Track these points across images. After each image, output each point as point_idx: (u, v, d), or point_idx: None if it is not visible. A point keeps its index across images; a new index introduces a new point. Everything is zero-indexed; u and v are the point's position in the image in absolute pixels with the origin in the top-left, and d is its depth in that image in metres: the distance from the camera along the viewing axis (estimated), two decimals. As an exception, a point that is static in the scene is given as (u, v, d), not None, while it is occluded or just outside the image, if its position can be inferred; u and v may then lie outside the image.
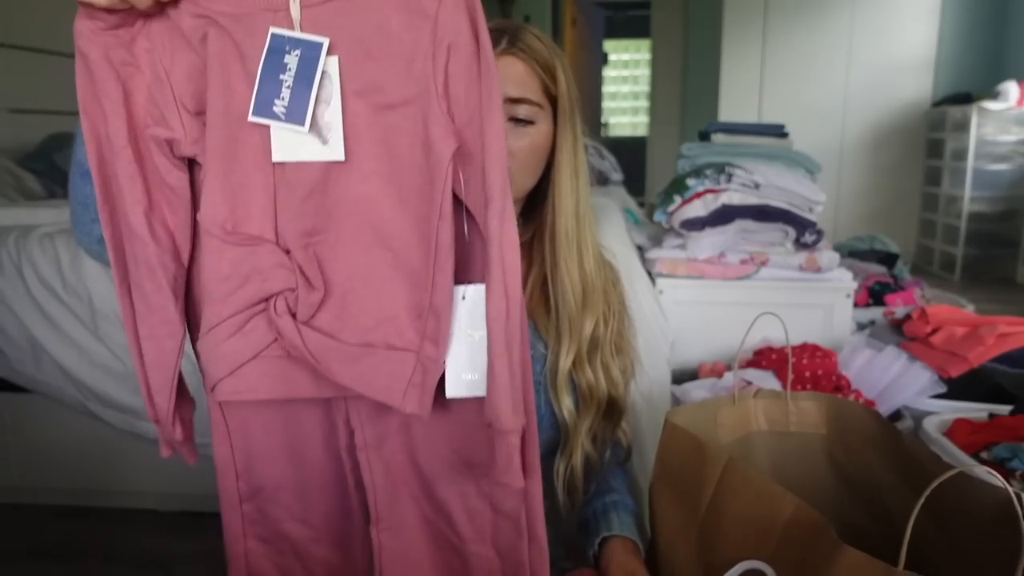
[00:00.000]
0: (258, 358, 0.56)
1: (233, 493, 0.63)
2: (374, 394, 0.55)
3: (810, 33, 4.69)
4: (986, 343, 1.46)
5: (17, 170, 2.38)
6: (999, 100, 3.95)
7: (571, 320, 0.86)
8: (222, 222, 0.54)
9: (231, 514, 0.63)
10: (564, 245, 0.87)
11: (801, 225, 1.64)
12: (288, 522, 0.64)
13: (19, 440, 1.80)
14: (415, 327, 0.55)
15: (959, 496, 0.63)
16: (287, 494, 0.63)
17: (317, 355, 0.54)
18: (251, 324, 0.55)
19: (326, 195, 0.55)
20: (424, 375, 0.54)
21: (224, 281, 0.55)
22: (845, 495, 0.83)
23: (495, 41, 0.80)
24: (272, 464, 0.62)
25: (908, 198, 4.75)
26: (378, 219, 0.55)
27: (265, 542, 0.64)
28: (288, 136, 0.54)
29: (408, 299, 0.55)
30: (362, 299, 0.55)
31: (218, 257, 0.55)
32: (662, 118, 6.41)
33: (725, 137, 1.88)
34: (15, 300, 1.62)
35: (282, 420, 0.61)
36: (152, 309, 0.56)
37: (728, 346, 1.69)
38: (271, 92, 0.53)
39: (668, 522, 0.77)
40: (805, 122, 4.22)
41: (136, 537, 1.70)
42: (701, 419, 0.85)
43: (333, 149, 0.53)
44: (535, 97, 0.83)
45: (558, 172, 0.87)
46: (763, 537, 0.64)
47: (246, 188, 0.55)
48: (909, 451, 0.74)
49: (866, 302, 2.11)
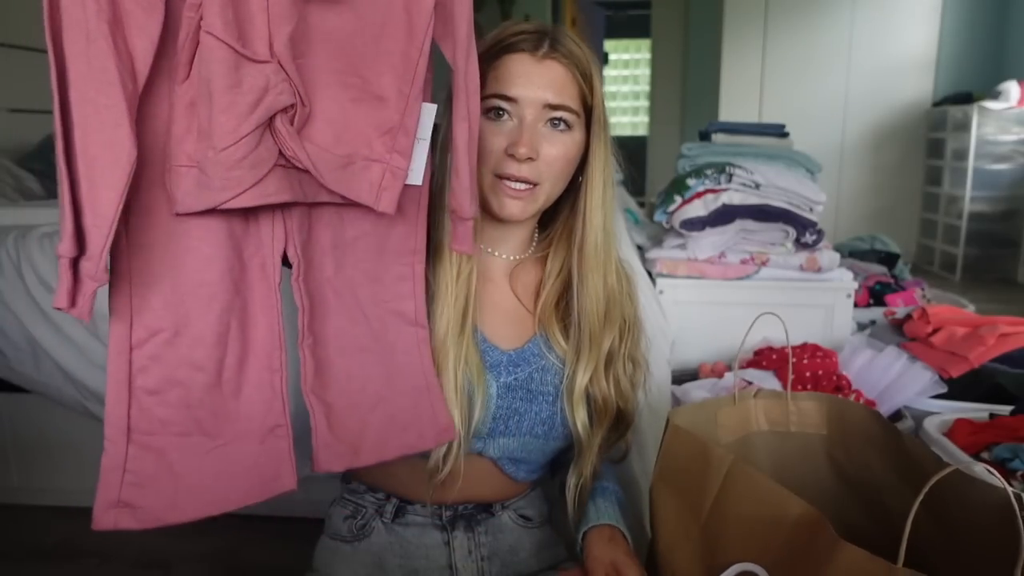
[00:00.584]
0: (275, 167, 0.61)
1: (124, 340, 0.61)
2: (355, 196, 0.65)
3: (810, 33, 4.69)
4: (987, 343, 1.46)
5: (16, 170, 2.38)
6: (1000, 100, 3.95)
7: (592, 335, 0.86)
8: (236, 37, 0.57)
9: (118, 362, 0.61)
10: (592, 259, 0.86)
11: (801, 225, 1.64)
12: (182, 369, 0.63)
13: (19, 440, 1.79)
14: (382, 142, 0.65)
15: (959, 496, 0.63)
16: (186, 340, 0.63)
17: (315, 162, 0.62)
18: (265, 137, 0.60)
19: (307, 22, 0.61)
20: (393, 180, 0.66)
21: (244, 94, 0.57)
22: (845, 495, 0.83)
23: (536, 43, 0.81)
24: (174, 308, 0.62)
25: (909, 198, 4.75)
26: (350, 49, 0.63)
27: (152, 393, 0.62)
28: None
29: (375, 119, 0.65)
30: (337, 117, 0.64)
31: (234, 70, 0.57)
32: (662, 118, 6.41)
33: (725, 137, 1.88)
34: (14, 300, 1.61)
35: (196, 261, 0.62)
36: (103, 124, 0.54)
37: (728, 346, 1.69)
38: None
39: (669, 523, 0.77)
40: (805, 122, 4.22)
41: (136, 537, 1.69)
42: (701, 419, 0.85)
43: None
44: (573, 104, 0.82)
45: (590, 184, 0.86)
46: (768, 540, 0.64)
47: (246, 6, 0.57)
48: (910, 451, 0.73)
49: (867, 302, 2.10)
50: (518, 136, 0.80)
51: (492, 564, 0.90)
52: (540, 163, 0.81)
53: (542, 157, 0.81)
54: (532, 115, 0.80)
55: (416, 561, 0.89)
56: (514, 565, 0.92)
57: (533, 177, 0.82)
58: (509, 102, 0.80)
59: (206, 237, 0.62)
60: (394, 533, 0.90)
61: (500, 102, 0.80)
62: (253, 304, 0.66)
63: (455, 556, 0.89)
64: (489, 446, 0.87)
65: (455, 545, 0.89)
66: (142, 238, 0.60)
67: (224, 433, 0.65)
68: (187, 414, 0.63)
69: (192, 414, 0.64)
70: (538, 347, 0.89)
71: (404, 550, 0.89)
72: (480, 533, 0.90)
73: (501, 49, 0.81)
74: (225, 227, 0.63)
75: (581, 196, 0.87)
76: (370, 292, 0.73)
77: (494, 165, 0.81)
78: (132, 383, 0.61)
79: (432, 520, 0.90)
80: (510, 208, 0.83)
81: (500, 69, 0.80)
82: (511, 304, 0.90)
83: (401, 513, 0.90)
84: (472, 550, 0.90)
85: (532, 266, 0.92)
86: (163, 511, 0.62)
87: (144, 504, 0.62)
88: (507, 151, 0.80)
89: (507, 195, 0.82)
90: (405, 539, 0.90)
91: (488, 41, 0.82)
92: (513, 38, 0.81)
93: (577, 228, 0.87)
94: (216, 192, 0.58)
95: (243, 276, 0.65)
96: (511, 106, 0.81)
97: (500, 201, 0.82)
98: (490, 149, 0.81)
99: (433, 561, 0.89)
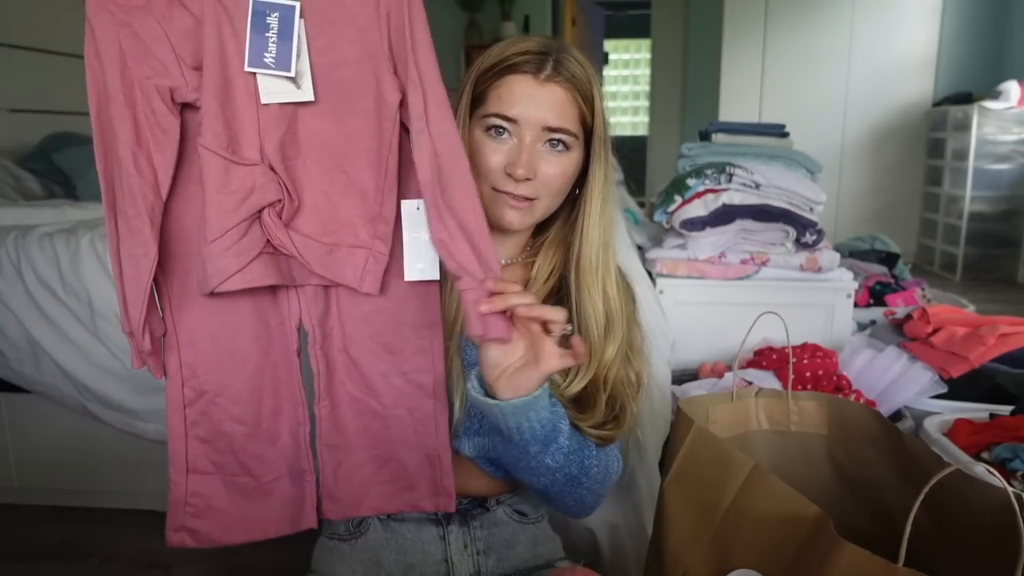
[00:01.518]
0: (260, 255, 0.70)
1: (179, 399, 0.75)
2: (340, 279, 0.72)
3: (810, 33, 4.69)
4: (987, 343, 1.46)
5: (16, 170, 2.38)
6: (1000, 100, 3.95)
7: (592, 349, 0.86)
8: (225, 146, 0.67)
9: (175, 417, 0.75)
10: (590, 274, 0.87)
11: (802, 225, 1.64)
12: (226, 423, 0.76)
13: (19, 440, 1.79)
14: (367, 230, 0.72)
15: (959, 496, 0.63)
16: (226, 399, 0.75)
17: (300, 251, 0.71)
18: (252, 229, 0.69)
19: (296, 129, 0.70)
20: (375, 264, 0.73)
21: (230, 194, 0.67)
22: (845, 495, 0.83)
23: (539, 65, 0.82)
24: (215, 372, 0.75)
25: (909, 198, 4.74)
26: (335, 149, 0.71)
27: (205, 442, 0.76)
28: (271, 82, 0.68)
29: (360, 210, 0.72)
30: (325, 209, 0.72)
31: (223, 173, 0.67)
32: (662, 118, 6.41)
33: (725, 137, 1.88)
34: (14, 300, 1.61)
35: (229, 332, 0.74)
36: (132, 231, 0.68)
37: (728, 346, 1.69)
38: (260, 47, 0.66)
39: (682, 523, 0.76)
40: (805, 122, 4.22)
41: (136, 537, 1.70)
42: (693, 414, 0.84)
43: (305, 92, 0.69)
44: (572, 127, 0.83)
45: (588, 200, 0.87)
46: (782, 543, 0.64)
47: (239, 121, 0.68)
48: (910, 451, 0.73)
49: (867, 302, 2.10)
50: (517, 156, 0.82)
51: (488, 558, 0.91)
52: (538, 181, 0.83)
53: (540, 176, 0.83)
54: (531, 136, 0.82)
55: (412, 556, 0.90)
56: (510, 559, 0.92)
57: (531, 194, 0.84)
58: (509, 122, 0.82)
59: (235, 311, 0.74)
60: (390, 529, 0.90)
61: (501, 121, 0.82)
62: (278, 367, 0.77)
63: (451, 550, 0.90)
64: (464, 444, 0.87)
65: (451, 540, 0.90)
66: (185, 314, 0.74)
67: (265, 474, 0.78)
68: (233, 458, 0.77)
69: (237, 458, 0.77)
70: None
71: (400, 545, 0.90)
72: (476, 528, 0.91)
73: (505, 68, 0.82)
74: (251, 302, 0.74)
75: (579, 212, 0.88)
76: (389, 363, 0.77)
77: (493, 181, 0.84)
78: (188, 434, 0.76)
79: (428, 515, 0.90)
80: (509, 217, 0.85)
81: (502, 88, 0.82)
82: None
83: None
84: (468, 544, 0.90)
85: (519, 269, 0.93)
86: (217, 535, 0.78)
87: (202, 529, 0.78)
88: (506, 170, 0.82)
89: (507, 205, 0.84)
90: (401, 535, 0.90)
91: (492, 58, 0.84)
92: (517, 58, 0.82)
93: (574, 243, 0.88)
94: (209, 279, 0.68)
95: (270, 343, 0.76)
96: (511, 126, 0.82)
97: (500, 211, 0.85)
98: (489, 166, 0.83)
99: (429, 556, 0.90)
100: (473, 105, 0.85)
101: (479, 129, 0.84)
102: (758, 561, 0.66)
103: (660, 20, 6.27)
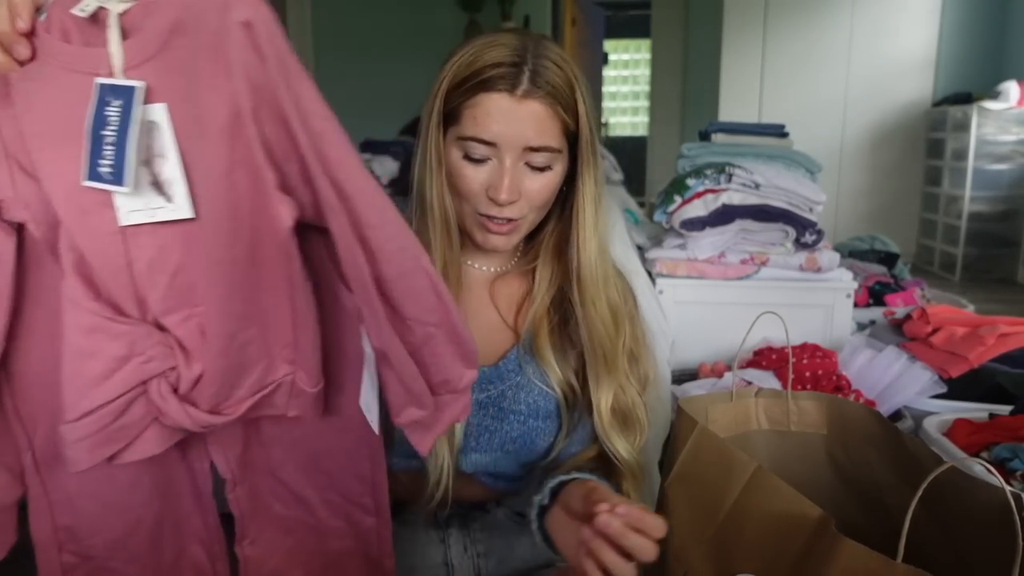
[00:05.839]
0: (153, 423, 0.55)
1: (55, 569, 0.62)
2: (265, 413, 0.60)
3: (810, 33, 4.69)
4: (986, 343, 1.46)
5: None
6: (999, 100, 3.95)
7: (607, 358, 0.84)
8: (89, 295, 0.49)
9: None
10: (592, 286, 0.84)
11: (801, 225, 1.64)
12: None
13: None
14: (286, 362, 0.58)
15: (958, 495, 0.63)
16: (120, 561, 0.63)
17: (203, 425, 0.56)
18: (133, 407, 0.53)
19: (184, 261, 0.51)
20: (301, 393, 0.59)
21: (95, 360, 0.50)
22: (845, 495, 0.83)
23: (514, 80, 0.75)
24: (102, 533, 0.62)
25: (908, 198, 4.75)
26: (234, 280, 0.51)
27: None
28: (129, 198, 0.48)
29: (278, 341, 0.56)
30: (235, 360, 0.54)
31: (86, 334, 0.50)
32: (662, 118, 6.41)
33: (725, 137, 1.88)
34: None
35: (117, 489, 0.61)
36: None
37: (728, 346, 1.69)
38: (98, 151, 0.46)
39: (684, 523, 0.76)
40: (805, 122, 4.22)
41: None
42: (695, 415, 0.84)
43: (179, 207, 0.48)
44: (555, 143, 0.79)
45: (580, 209, 0.83)
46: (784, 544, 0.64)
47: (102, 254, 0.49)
48: (909, 451, 0.74)
49: (866, 302, 2.10)
50: (499, 180, 0.78)
51: (488, 561, 0.91)
52: (522, 200, 0.80)
53: (524, 194, 0.80)
54: (512, 158, 0.78)
55: (412, 559, 0.90)
56: (510, 562, 0.92)
57: (516, 215, 0.81)
58: (488, 146, 0.77)
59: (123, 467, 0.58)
60: None
61: (479, 145, 0.78)
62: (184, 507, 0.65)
63: (451, 553, 0.90)
64: (462, 461, 0.87)
65: (451, 542, 0.90)
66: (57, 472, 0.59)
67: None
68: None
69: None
70: (514, 363, 0.87)
71: (400, 548, 0.90)
72: (475, 530, 0.91)
73: (478, 84, 0.76)
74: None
75: (573, 223, 0.84)
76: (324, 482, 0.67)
77: (475, 205, 0.80)
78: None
79: (427, 518, 0.90)
80: (494, 242, 0.83)
81: (477, 109, 0.76)
82: (489, 316, 0.89)
83: (396, 512, 0.90)
84: (468, 547, 0.90)
85: (516, 279, 0.91)
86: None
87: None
88: (488, 194, 0.79)
89: (490, 231, 0.81)
90: (401, 537, 0.90)
91: (463, 70, 0.77)
92: (490, 71, 0.75)
93: (572, 257, 0.85)
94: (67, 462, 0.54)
95: (170, 488, 0.64)
96: (490, 150, 0.78)
97: (483, 236, 0.82)
98: (471, 189, 0.79)
99: (429, 558, 0.89)
100: (447, 121, 0.79)
101: (456, 150, 0.79)
102: (760, 562, 0.66)
103: (660, 20, 6.26)
